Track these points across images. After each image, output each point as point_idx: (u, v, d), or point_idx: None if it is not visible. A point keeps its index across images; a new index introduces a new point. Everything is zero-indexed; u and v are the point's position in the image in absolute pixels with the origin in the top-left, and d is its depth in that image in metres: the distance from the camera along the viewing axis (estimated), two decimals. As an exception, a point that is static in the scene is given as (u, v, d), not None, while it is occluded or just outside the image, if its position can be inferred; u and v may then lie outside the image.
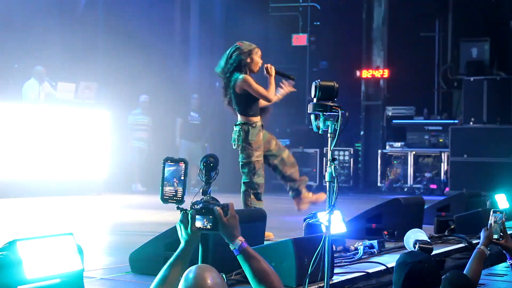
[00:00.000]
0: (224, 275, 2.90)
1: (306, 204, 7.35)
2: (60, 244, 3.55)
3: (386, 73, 17.40)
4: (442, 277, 3.41)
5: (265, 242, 5.27)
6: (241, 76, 6.91)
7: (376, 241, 6.27)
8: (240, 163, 7.03)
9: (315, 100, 4.41)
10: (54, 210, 10.34)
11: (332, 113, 4.33)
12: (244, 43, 7.05)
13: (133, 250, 5.19)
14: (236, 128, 7.04)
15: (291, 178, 7.30)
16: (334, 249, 5.59)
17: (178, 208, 3.03)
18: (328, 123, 4.33)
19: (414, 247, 4.17)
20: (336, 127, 4.31)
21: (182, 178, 3.05)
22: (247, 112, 7.01)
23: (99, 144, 13.21)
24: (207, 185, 3.07)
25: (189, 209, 3.01)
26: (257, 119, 7.04)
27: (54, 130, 12.43)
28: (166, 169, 3.04)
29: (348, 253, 6.02)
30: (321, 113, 4.34)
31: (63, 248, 3.55)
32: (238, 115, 7.05)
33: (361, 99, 17.64)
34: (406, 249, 4.90)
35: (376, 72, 17.43)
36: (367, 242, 6.21)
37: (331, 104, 4.35)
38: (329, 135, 4.32)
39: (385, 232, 7.22)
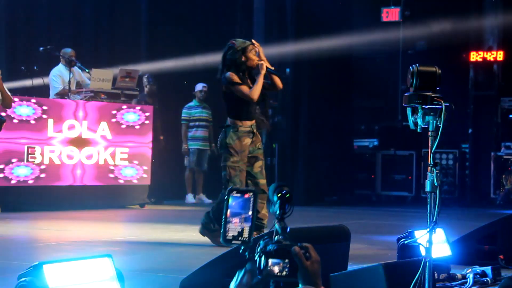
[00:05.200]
0: None
1: None
2: (96, 268, 3.60)
3: (500, 56, 17.17)
4: None
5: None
6: (227, 73, 8.08)
7: (489, 267, 6.20)
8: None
9: (412, 90, 4.39)
10: (90, 225, 10.47)
11: (434, 106, 4.30)
12: (238, 41, 8.22)
13: (184, 276, 5.22)
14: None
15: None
16: (436, 277, 5.54)
17: (243, 251, 2.94)
18: (429, 118, 4.31)
19: None
20: (438, 123, 4.29)
21: (250, 213, 2.99)
22: (230, 113, 8.24)
23: (141, 146, 13.24)
24: (283, 221, 2.98)
25: (256, 250, 2.91)
26: (242, 123, 8.17)
27: (87, 127, 12.57)
28: (230, 201, 2.98)
29: (454, 282, 5.98)
30: (419, 106, 4.33)
31: (99, 273, 3.59)
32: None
33: (469, 88, 17.46)
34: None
35: (488, 54, 17.22)
36: (478, 269, 6.15)
37: (432, 94, 4.33)
38: (429, 133, 4.30)
39: (501, 257, 7.13)
